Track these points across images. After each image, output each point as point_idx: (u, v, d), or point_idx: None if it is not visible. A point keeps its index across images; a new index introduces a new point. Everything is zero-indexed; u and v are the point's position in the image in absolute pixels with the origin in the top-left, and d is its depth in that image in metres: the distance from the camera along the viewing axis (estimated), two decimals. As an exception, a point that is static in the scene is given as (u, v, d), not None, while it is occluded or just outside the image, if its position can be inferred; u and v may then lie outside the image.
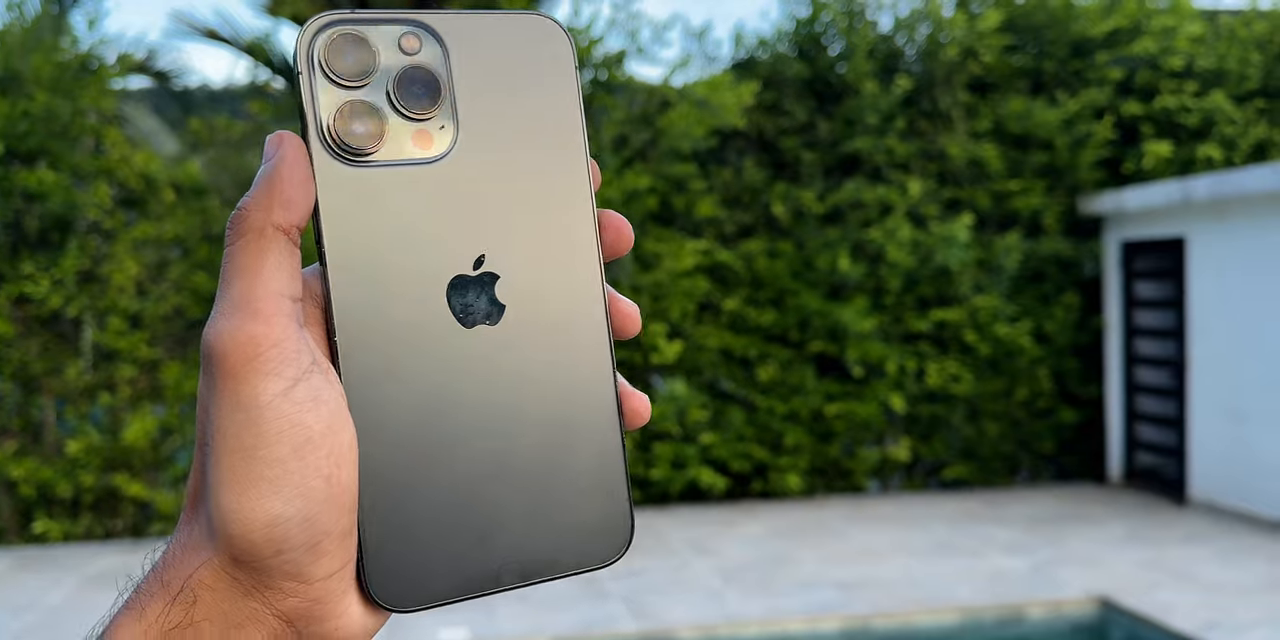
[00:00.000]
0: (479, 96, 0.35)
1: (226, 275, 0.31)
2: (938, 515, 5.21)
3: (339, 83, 0.33)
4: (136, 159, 5.20)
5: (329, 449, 0.31)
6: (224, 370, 0.30)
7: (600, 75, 5.53)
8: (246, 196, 0.32)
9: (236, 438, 0.30)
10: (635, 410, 0.36)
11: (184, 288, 5.23)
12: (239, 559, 0.30)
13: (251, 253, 0.31)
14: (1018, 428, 5.94)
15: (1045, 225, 5.85)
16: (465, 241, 0.34)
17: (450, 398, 0.34)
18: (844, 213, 5.74)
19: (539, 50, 0.35)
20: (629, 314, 0.36)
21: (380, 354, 0.33)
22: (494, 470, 0.34)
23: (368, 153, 0.33)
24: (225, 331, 0.30)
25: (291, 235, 0.32)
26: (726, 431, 5.49)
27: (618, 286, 5.33)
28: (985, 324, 5.69)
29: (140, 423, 5.01)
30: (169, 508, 5.03)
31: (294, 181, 0.31)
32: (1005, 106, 5.76)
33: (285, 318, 0.31)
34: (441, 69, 0.34)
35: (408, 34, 0.34)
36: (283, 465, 0.30)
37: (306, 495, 0.30)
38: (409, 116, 0.34)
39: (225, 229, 0.31)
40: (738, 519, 5.19)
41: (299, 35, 0.33)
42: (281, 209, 0.31)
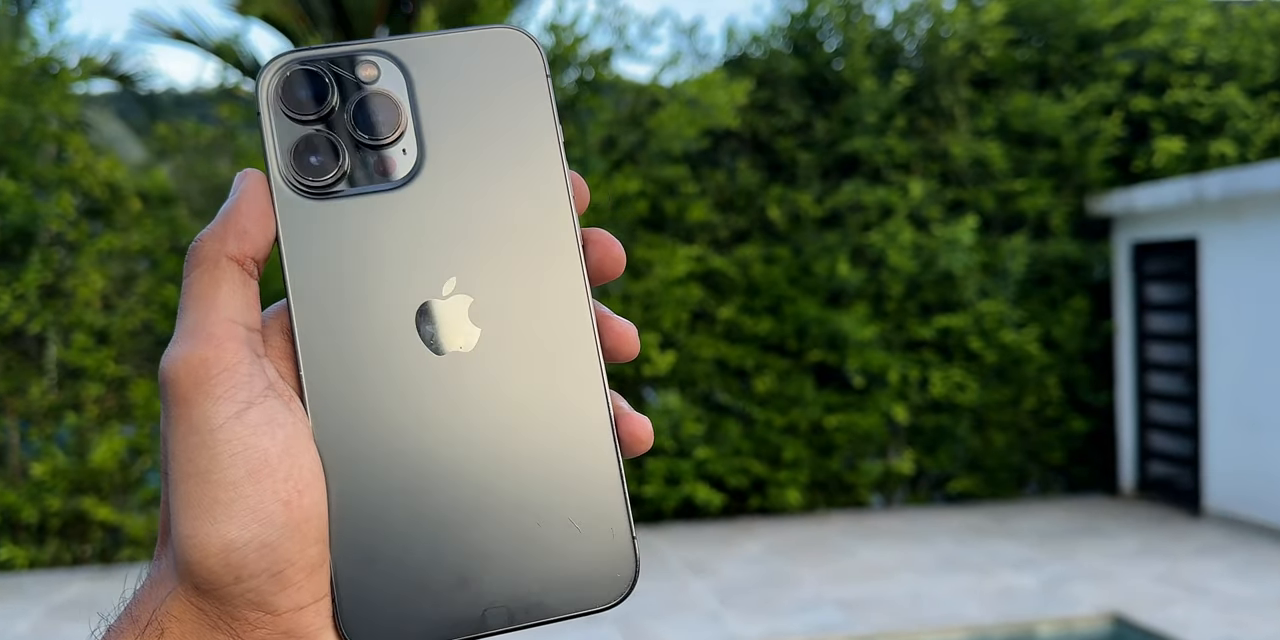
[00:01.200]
0: (444, 117, 0.36)
1: (182, 305, 0.33)
2: (943, 530, 5.25)
3: (294, 118, 0.35)
4: (101, 167, 5.23)
5: (286, 472, 0.31)
6: (176, 395, 0.31)
7: (586, 74, 5.56)
8: (204, 230, 0.34)
9: (190, 462, 0.31)
10: (634, 435, 0.35)
11: (152, 301, 5.26)
12: (200, 587, 0.31)
13: (205, 282, 0.33)
14: (1026, 438, 5.98)
15: (1052, 226, 5.89)
16: (434, 266, 0.35)
17: (425, 427, 0.34)
18: (843, 216, 5.77)
19: (507, 65, 0.36)
20: (623, 334, 0.36)
21: (348, 385, 0.34)
22: (476, 505, 0.34)
23: (327, 184, 0.35)
24: (178, 357, 0.32)
25: (246, 266, 0.34)
26: (722, 446, 5.53)
27: (606, 296, 5.35)
28: (991, 330, 5.73)
29: (108, 443, 5.03)
30: (139, 532, 5.05)
31: (250, 215, 0.34)
32: (1009, 103, 5.79)
33: (237, 343, 0.32)
34: (402, 93, 0.36)
35: (365, 63, 0.36)
36: (236, 489, 0.31)
37: (263, 520, 0.31)
38: (369, 144, 0.35)
39: None
40: (735, 537, 5.22)
41: (258, 76, 0.36)
42: (236, 240, 0.33)
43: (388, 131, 0.35)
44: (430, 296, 0.35)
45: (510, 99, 0.36)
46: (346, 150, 0.35)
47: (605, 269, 0.36)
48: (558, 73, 5.53)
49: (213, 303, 0.33)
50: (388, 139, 0.35)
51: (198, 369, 0.31)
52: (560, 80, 5.56)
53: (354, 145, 0.35)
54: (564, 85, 5.60)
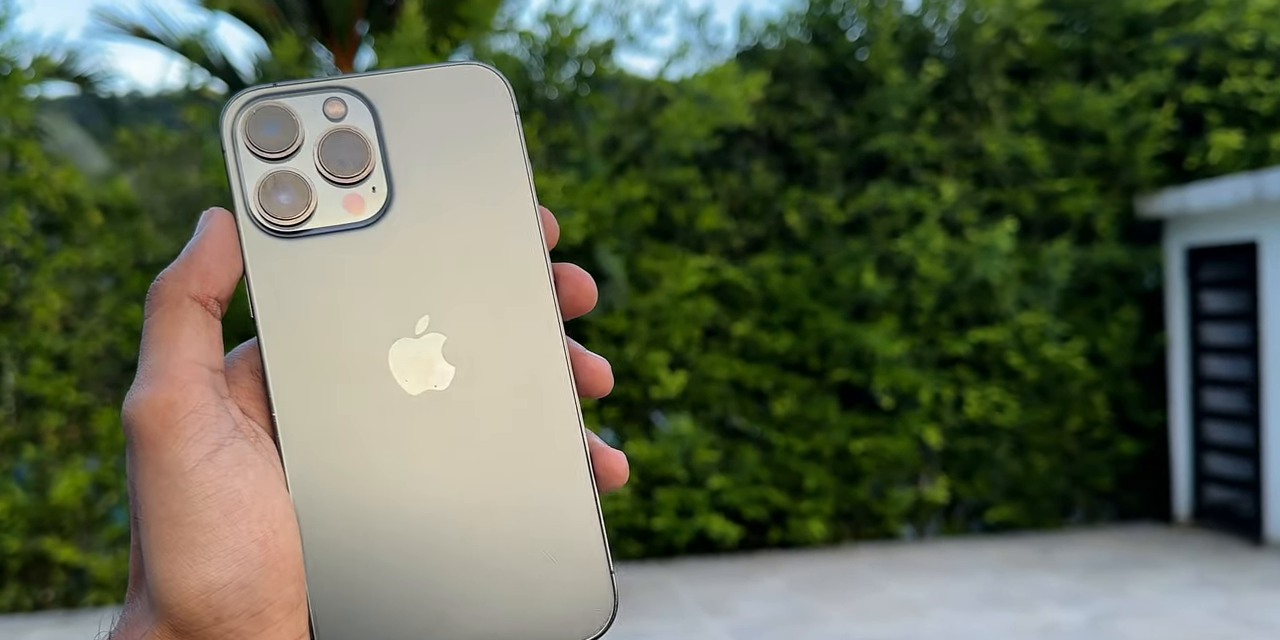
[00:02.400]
0: (413, 155, 0.38)
1: (144, 347, 0.35)
2: (982, 563, 5.26)
3: (261, 155, 0.38)
4: (57, 177, 5.22)
5: (260, 513, 0.34)
6: (143, 438, 0.34)
7: (585, 69, 5.55)
8: (166, 269, 0.36)
9: (163, 505, 0.33)
10: (610, 469, 0.38)
11: (116, 323, 5.25)
12: (180, 629, 0.33)
13: (167, 323, 0.35)
14: (1071, 462, 5.98)
15: (1098, 230, 5.88)
16: (406, 303, 0.37)
17: (400, 466, 0.37)
18: (868, 221, 5.76)
19: (475, 101, 0.39)
20: (597, 370, 0.39)
21: (322, 424, 0.36)
22: (452, 543, 0.37)
23: (296, 222, 0.37)
24: (142, 400, 0.34)
25: (209, 306, 0.36)
26: (739, 474, 5.53)
27: (609, 312, 5.37)
28: (1032, 345, 5.72)
29: (70, 478, 5.03)
30: (106, 574, 5.06)
31: (214, 254, 0.36)
32: (1050, 95, 5.77)
33: (202, 385, 0.34)
34: (370, 131, 0.38)
35: (331, 99, 0.38)
36: (213, 530, 0.33)
37: (241, 560, 0.33)
38: (336, 182, 0.38)
39: (148, 290, 0.36)
40: (754, 572, 5.24)
41: (222, 112, 0.38)
42: (199, 280, 0.36)
43: (356, 169, 0.38)
44: (403, 335, 0.37)
45: (479, 136, 0.39)
46: (315, 188, 0.38)
47: (578, 304, 0.39)
48: (555, 68, 5.52)
49: (175, 344, 0.35)
50: (356, 177, 0.38)
51: (164, 412, 0.34)
52: (558, 75, 5.55)
53: (322, 183, 0.38)
54: (562, 81, 5.58)
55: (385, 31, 5.75)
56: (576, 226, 5.02)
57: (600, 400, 5.49)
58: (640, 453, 5.30)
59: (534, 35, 5.47)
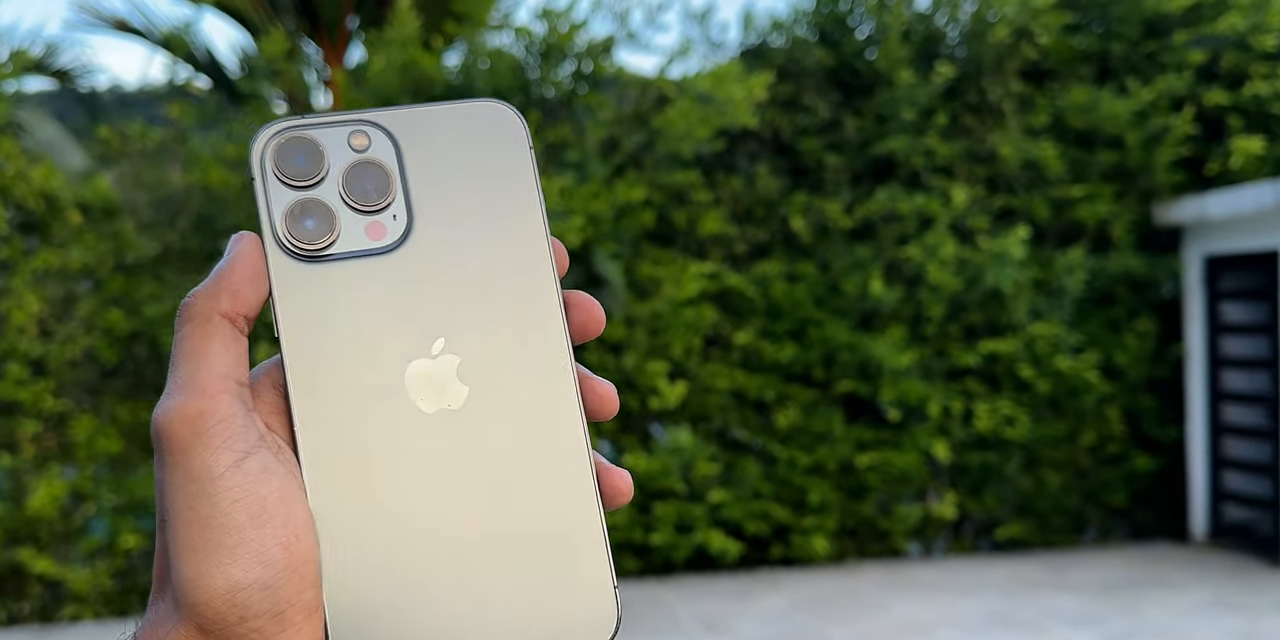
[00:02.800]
0: (432, 185, 0.42)
1: (174, 360, 0.38)
2: (991, 582, 5.25)
3: (289, 183, 0.41)
4: (35, 175, 5.21)
5: (284, 519, 0.37)
6: (173, 445, 0.37)
7: (584, 67, 5.52)
8: (197, 287, 0.39)
9: (192, 509, 0.36)
10: (615, 487, 0.41)
11: (95, 327, 5.23)
12: (205, 628, 0.36)
13: (197, 338, 0.38)
14: (1084, 478, 5.96)
15: (1114, 238, 5.86)
16: (423, 326, 0.40)
17: (415, 482, 0.40)
18: (876, 227, 5.74)
19: (491, 135, 0.42)
20: (604, 395, 0.42)
21: (341, 439, 0.39)
22: (463, 556, 0.39)
23: (320, 247, 0.41)
24: (173, 409, 0.37)
25: (238, 323, 0.39)
26: (740, 488, 5.51)
27: (609, 319, 5.35)
28: (1044, 356, 5.70)
29: (47, 487, 5.01)
30: (83, 587, 5.04)
31: (244, 274, 0.39)
32: (1066, 97, 5.75)
33: (230, 396, 0.37)
34: (391, 162, 0.42)
35: (356, 132, 0.42)
36: (240, 533, 0.36)
37: (266, 563, 0.36)
38: (360, 209, 0.41)
39: (174, 315, 0.40)
40: (755, 590, 5.22)
41: (252, 141, 0.41)
42: (229, 298, 0.39)
43: (379, 198, 0.41)
44: (420, 356, 0.41)
45: (495, 168, 0.42)
46: (339, 215, 0.41)
47: (587, 330, 0.42)
48: (552, 65, 5.50)
49: (205, 358, 0.38)
50: (378, 205, 0.41)
51: (195, 420, 0.37)
52: (555, 73, 5.52)
53: (346, 211, 0.41)
54: (559, 79, 5.56)
55: (376, 27, 5.71)
56: (573, 230, 4.99)
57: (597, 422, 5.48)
58: (638, 465, 5.28)
59: (531, 31, 5.45)
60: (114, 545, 5.12)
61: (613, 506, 0.41)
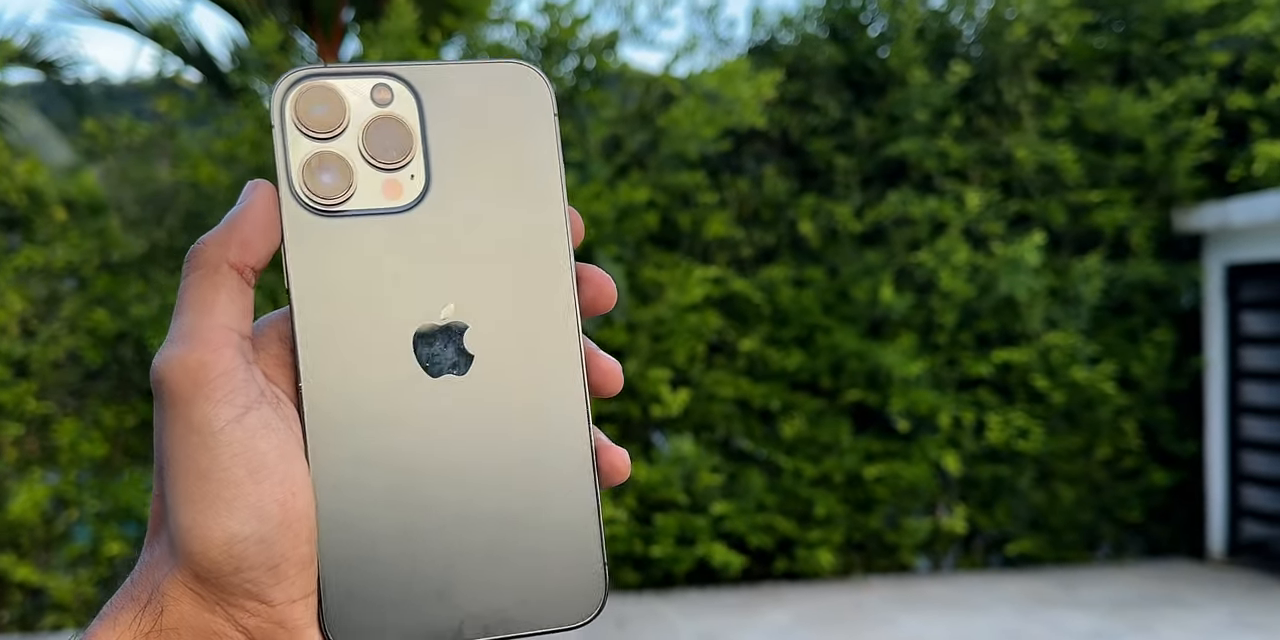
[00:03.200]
0: (453, 146, 0.42)
1: (179, 307, 0.39)
2: (1001, 598, 5.24)
3: (309, 134, 0.41)
4: (19, 169, 5.19)
5: (283, 475, 0.38)
6: (174, 395, 0.38)
7: (587, 63, 5.51)
8: (208, 234, 0.40)
9: (191, 460, 0.37)
10: (613, 465, 0.43)
11: (79, 327, 5.21)
12: (200, 576, 0.38)
13: (205, 287, 0.39)
14: (1098, 493, 5.94)
15: (1133, 245, 5.84)
16: (434, 290, 0.41)
17: (415, 445, 0.41)
18: (886, 231, 5.72)
19: (517, 99, 0.43)
20: (609, 370, 0.43)
21: (344, 398, 0.40)
22: (458, 521, 0.41)
23: (336, 202, 0.41)
24: (175, 358, 0.38)
25: (245, 275, 0.40)
26: (744, 499, 5.50)
27: (609, 324, 5.33)
28: (1059, 366, 5.68)
29: (29, 492, 5.00)
30: (66, 596, 5.03)
31: (256, 225, 0.40)
32: (1084, 99, 5.73)
33: (233, 349, 0.38)
34: (414, 119, 0.42)
35: (380, 85, 0.42)
36: (238, 487, 0.37)
37: (262, 517, 0.37)
38: (378, 166, 0.42)
39: (183, 261, 0.40)
40: (759, 604, 5.21)
41: (273, 88, 0.41)
42: (239, 248, 0.39)
43: (398, 155, 0.42)
44: (429, 319, 0.41)
45: (518, 133, 0.43)
46: (356, 170, 0.41)
47: (597, 305, 0.43)
48: (554, 61, 5.50)
49: (210, 307, 0.39)
50: (398, 163, 0.42)
51: (196, 371, 0.37)
52: (557, 69, 5.51)
53: (364, 166, 0.42)
54: (561, 75, 5.55)
55: (372, 19, 5.68)
56: (574, 232, 4.96)
57: (597, 418, 5.46)
58: (639, 475, 5.27)
59: (532, 26, 5.45)
60: (97, 553, 5.10)
61: (609, 484, 0.43)
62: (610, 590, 0.42)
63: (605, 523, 4.69)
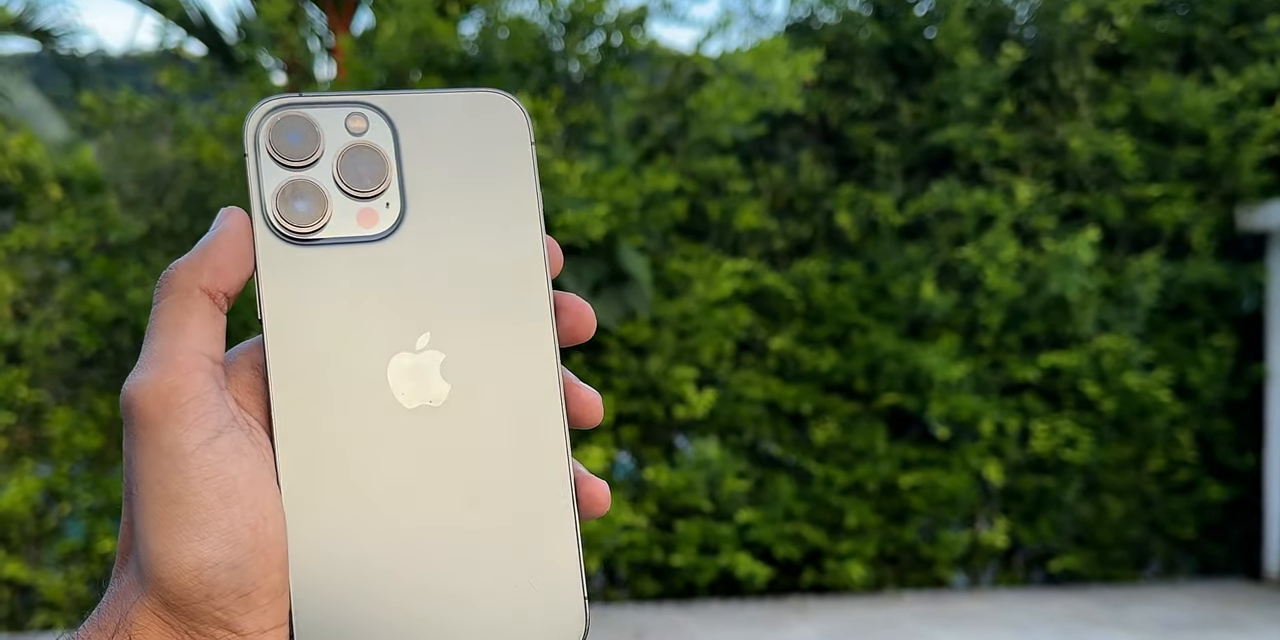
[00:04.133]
0: (429, 175, 0.44)
1: (150, 332, 0.40)
2: (1043, 617, 5.22)
3: (282, 163, 0.43)
4: (12, 145, 5.20)
5: (253, 500, 0.39)
6: (144, 419, 0.39)
7: (613, 39, 5.49)
8: (180, 259, 0.41)
9: (161, 484, 0.38)
10: (593, 497, 0.44)
11: (74, 312, 5.22)
12: (170, 603, 0.39)
13: (176, 311, 0.41)
14: (1149, 507, 5.93)
15: (1193, 243, 5.81)
16: (409, 319, 0.43)
17: (389, 477, 0.42)
18: (929, 225, 5.70)
19: (492, 127, 0.45)
20: (588, 402, 0.45)
21: (317, 427, 0.42)
22: (433, 555, 0.42)
23: (309, 231, 0.43)
24: (145, 382, 0.39)
25: (218, 300, 0.41)
26: (771, 507, 5.50)
27: (633, 319, 5.33)
28: (1111, 372, 5.65)
29: (19, 485, 5.02)
30: (56, 594, 5.06)
31: (229, 251, 0.41)
32: (1145, 87, 5.69)
33: (204, 373, 0.40)
34: (389, 148, 0.44)
35: (354, 114, 0.44)
36: (209, 511, 0.38)
37: (233, 542, 0.38)
38: (353, 195, 0.43)
39: (154, 287, 0.42)
40: (784, 618, 5.22)
41: (247, 116, 0.43)
42: (211, 274, 0.41)
43: (373, 184, 0.44)
44: (403, 349, 0.43)
45: (494, 162, 0.45)
46: (331, 199, 0.44)
47: (576, 333, 0.45)
48: (578, 37, 5.49)
49: (181, 332, 0.41)
50: (372, 191, 0.44)
51: (167, 395, 0.39)
52: (581, 46, 5.49)
53: (338, 195, 0.44)
54: (585, 52, 5.56)
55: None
56: (596, 220, 4.95)
57: (617, 419, 5.45)
58: (660, 479, 5.29)
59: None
60: (90, 549, 5.11)
61: (589, 516, 0.44)
62: (591, 627, 0.43)
63: (624, 529, 4.63)
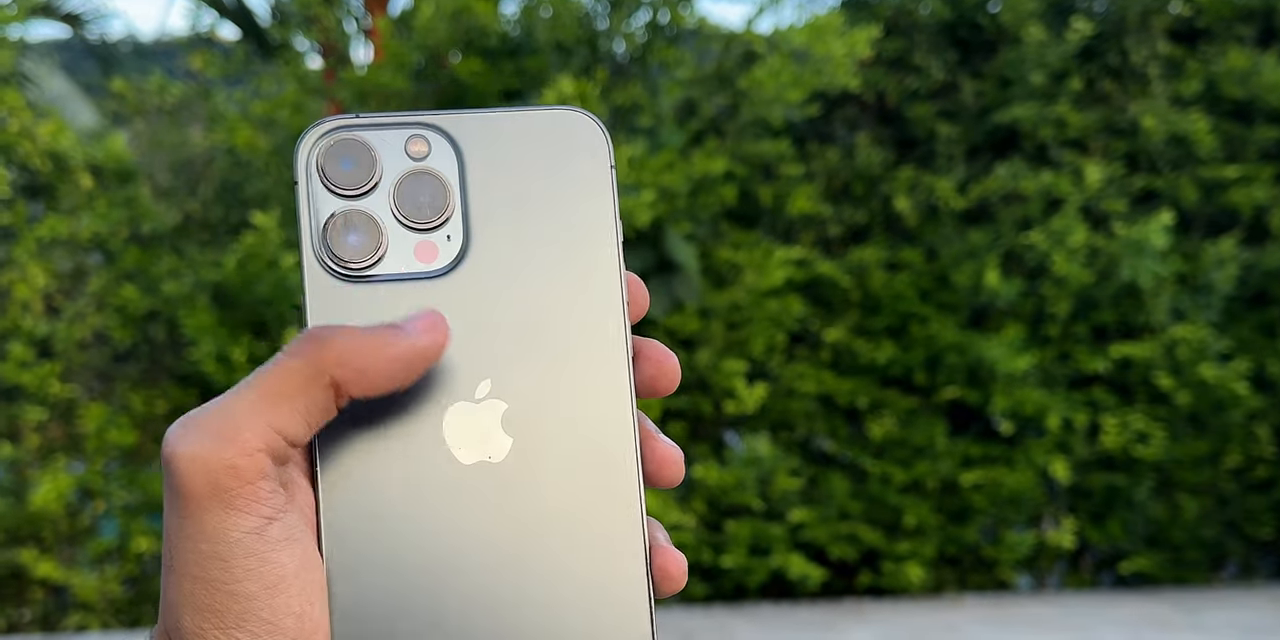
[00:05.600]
0: (495, 204, 0.42)
1: (247, 381, 0.38)
2: (1112, 621, 5.20)
3: (335, 191, 0.41)
4: (42, 132, 5.26)
5: (301, 587, 0.38)
6: (188, 493, 0.37)
7: (661, 17, 5.50)
8: (342, 330, 0.39)
9: (200, 567, 0.37)
10: (666, 572, 0.41)
11: (107, 305, 5.29)
12: None
13: (294, 382, 0.38)
14: (1225, 506, 5.91)
15: (1273, 228, 5.77)
16: (470, 365, 0.41)
17: (442, 538, 0.40)
18: (993, 209, 5.70)
19: (568, 150, 0.42)
20: (667, 458, 0.42)
21: (366, 485, 0.40)
22: (492, 625, 0.40)
23: (361, 267, 0.41)
24: (197, 454, 0.37)
25: (340, 399, 0.39)
26: (825, 506, 5.52)
27: (679, 310, 5.33)
28: (1186, 363, 5.62)
29: (52, 482, 5.06)
30: (90, 594, 5.13)
31: (390, 367, 0.38)
32: (1221, 62, 5.66)
33: (267, 456, 0.38)
34: (452, 174, 0.42)
35: (415, 137, 0.42)
36: (251, 601, 0.37)
37: (274, 631, 0.37)
38: (411, 226, 0.42)
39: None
40: (839, 622, 5.22)
41: (299, 140, 0.41)
42: (355, 374, 0.38)
43: (433, 214, 0.42)
44: (462, 399, 0.41)
45: (569, 189, 0.42)
46: (386, 231, 0.41)
47: (657, 386, 0.42)
48: (624, 15, 5.51)
49: (274, 404, 0.37)
50: (431, 222, 0.42)
51: (219, 475, 0.37)
52: (627, 25, 5.51)
53: (395, 226, 0.42)
54: (631, 31, 5.57)
55: (426, -31, 5.68)
56: (643, 207, 4.99)
57: (664, 414, 5.49)
58: (709, 477, 5.31)
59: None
60: (125, 548, 5.19)
61: (662, 595, 0.41)
62: None
63: (671, 528, 4.64)
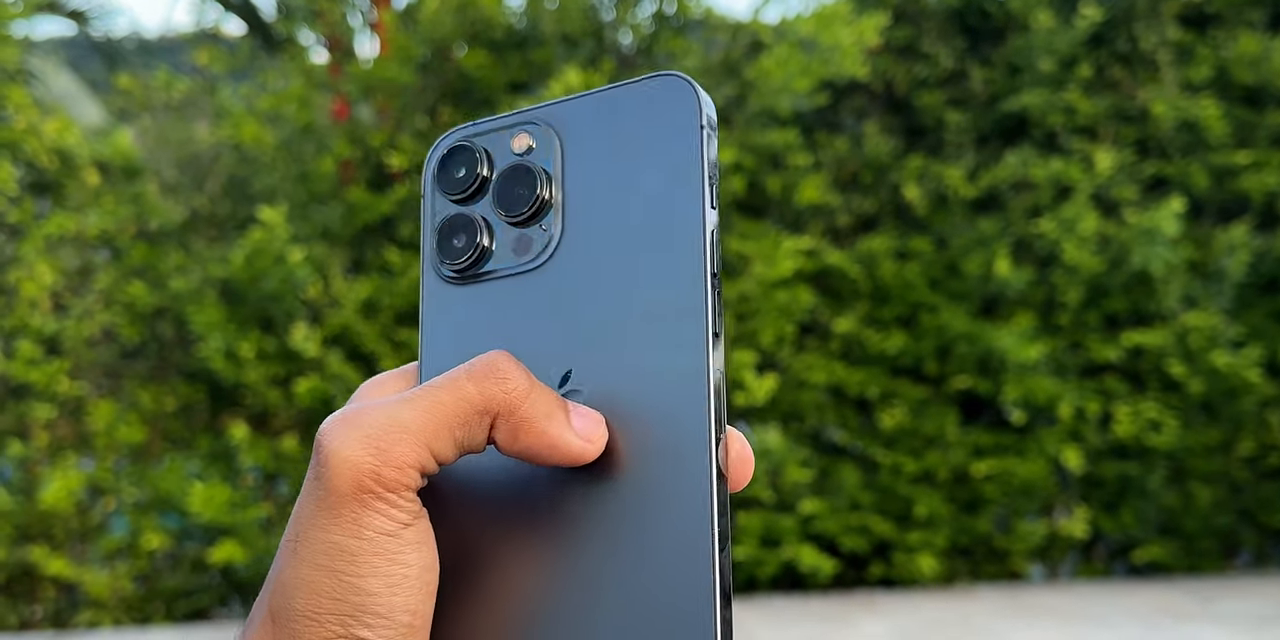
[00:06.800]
0: (590, 190, 0.43)
1: (430, 395, 0.40)
2: (1125, 611, 5.22)
3: (447, 196, 0.44)
4: (48, 129, 5.29)
5: (420, 586, 0.40)
6: (331, 487, 0.39)
7: (667, 7, 5.52)
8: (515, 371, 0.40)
9: (327, 556, 0.39)
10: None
11: (114, 302, 5.34)
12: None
13: (463, 412, 0.40)
14: (1239, 494, 5.90)
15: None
16: (553, 354, 0.42)
17: (517, 541, 0.41)
18: (1003, 197, 5.69)
19: (658, 122, 0.42)
20: (740, 457, 0.42)
21: (453, 484, 0.42)
22: (551, 631, 0.40)
23: (464, 267, 0.44)
24: (352, 457, 0.39)
25: (494, 434, 0.41)
26: (836, 498, 5.53)
27: None
28: (1198, 351, 5.62)
29: (62, 480, 5.09)
30: (101, 591, 5.16)
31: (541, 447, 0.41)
32: (1232, 47, 5.65)
33: (416, 472, 0.40)
34: (553, 165, 0.43)
35: (519, 133, 0.44)
36: (372, 596, 0.39)
37: (388, 626, 0.39)
38: (511, 221, 0.44)
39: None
40: (851, 614, 5.23)
41: (430, 152, 0.45)
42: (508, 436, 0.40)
43: (528, 208, 0.43)
44: None
45: (655, 165, 0.42)
46: (489, 230, 0.43)
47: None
48: (630, 5, 5.48)
49: (439, 432, 0.40)
50: (526, 215, 0.43)
51: (366, 480, 0.39)
52: (633, 15, 5.52)
53: (499, 223, 0.44)
54: (637, 21, 5.57)
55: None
56: (651, 199, 5.01)
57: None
58: None
59: (606, -36, 5.46)
60: (135, 545, 5.22)
61: None
62: None
63: None
